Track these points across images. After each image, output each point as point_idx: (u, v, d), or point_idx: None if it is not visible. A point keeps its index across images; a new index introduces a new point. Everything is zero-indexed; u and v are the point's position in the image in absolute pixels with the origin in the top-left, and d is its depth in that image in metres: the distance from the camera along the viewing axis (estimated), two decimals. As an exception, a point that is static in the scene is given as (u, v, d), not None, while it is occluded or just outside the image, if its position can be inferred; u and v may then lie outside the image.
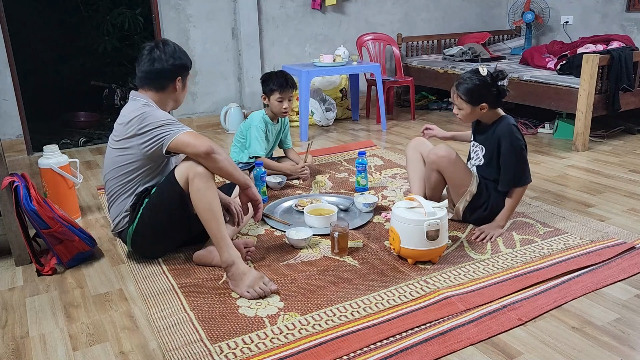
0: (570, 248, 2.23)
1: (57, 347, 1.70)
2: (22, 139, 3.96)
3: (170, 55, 2.11)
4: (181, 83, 2.18)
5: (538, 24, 5.35)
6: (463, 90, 2.28)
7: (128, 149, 2.06)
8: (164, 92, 2.15)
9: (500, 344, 1.64)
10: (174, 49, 2.14)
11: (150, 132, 2.00)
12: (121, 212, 2.15)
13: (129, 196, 2.13)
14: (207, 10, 4.45)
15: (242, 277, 1.93)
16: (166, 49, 2.12)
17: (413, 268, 2.10)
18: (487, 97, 2.28)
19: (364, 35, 5.06)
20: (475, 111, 2.31)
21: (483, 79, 2.27)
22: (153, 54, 2.10)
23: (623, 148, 3.77)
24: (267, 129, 3.07)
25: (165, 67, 2.11)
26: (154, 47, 2.12)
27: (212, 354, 1.61)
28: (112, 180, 2.14)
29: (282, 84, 2.98)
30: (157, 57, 2.10)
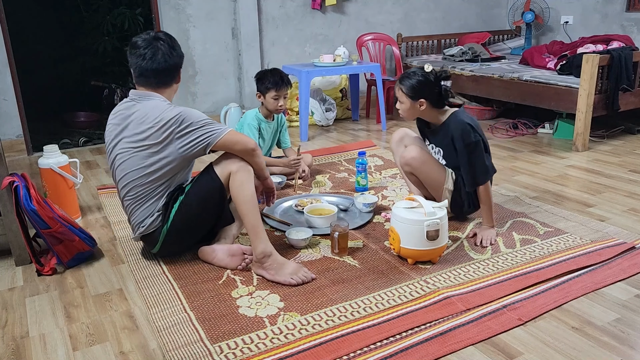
0: (570, 248, 2.23)
1: (57, 347, 1.70)
2: (22, 139, 3.96)
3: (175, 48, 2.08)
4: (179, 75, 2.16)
5: (538, 24, 5.35)
6: (405, 84, 2.32)
7: (162, 152, 1.99)
8: (171, 87, 2.12)
9: (500, 344, 1.64)
10: (172, 40, 2.09)
11: (193, 132, 1.97)
12: (152, 214, 2.08)
13: (160, 198, 2.07)
14: (207, 10, 4.45)
15: (282, 267, 2.01)
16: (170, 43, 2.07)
17: (413, 268, 2.10)
18: (427, 94, 2.29)
19: (364, 35, 5.06)
20: (415, 107, 2.32)
21: (426, 74, 2.29)
22: (160, 49, 2.01)
23: (623, 148, 3.77)
24: (260, 127, 3.08)
25: (177, 62, 2.09)
26: (158, 41, 2.02)
27: (212, 354, 1.61)
28: (140, 185, 2.04)
29: (278, 81, 2.99)
30: (166, 52, 2.03)
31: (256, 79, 3.08)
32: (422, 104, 2.31)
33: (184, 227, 2.09)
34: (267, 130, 3.13)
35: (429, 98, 2.30)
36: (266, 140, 3.15)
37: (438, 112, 2.37)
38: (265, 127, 3.11)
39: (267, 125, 3.12)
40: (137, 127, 2.00)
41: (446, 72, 2.34)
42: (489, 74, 4.37)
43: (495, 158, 3.52)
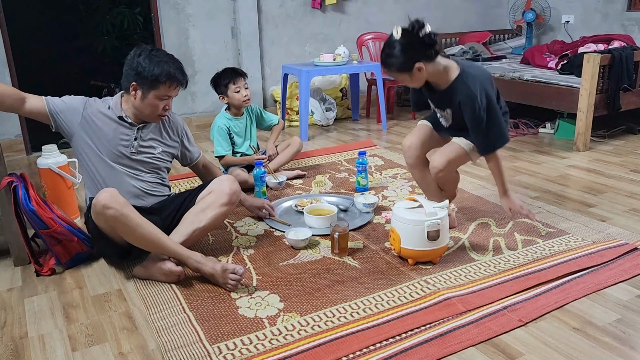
0: (572, 249, 2.22)
1: (56, 348, 1.69)
2: (21, 139, 3.95)
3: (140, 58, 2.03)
4: (137, 92, 2.06)
5: (539, 24, 5.34)
6: (389, 63, 2.04)
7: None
8: (128, 95, 2.11)
9: (500, 345, 1.64)
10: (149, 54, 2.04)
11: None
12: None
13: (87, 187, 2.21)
14: (207, 9, 4.45)
15: (213, 277, 1.96)
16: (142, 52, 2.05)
17: (413, 269, 2.09)
18: (414, 55, 2.00)
19: (364, 35, 5.05)
20: (415, 75, 2.04)
21: (397, 41, 2.00)
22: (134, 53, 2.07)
23: (624, 148, 3.76)
24: (231, 128, 3.09)
25: (126, 68, 2.07)
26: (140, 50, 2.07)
27: (211, 355, 1.60)
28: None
29: (231, 74, 3.02)
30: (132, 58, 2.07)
31: (213, 84, 3.10)
32: (420, 68, 2.02)
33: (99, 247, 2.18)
34: (239, 127, 3.15)
35: (421, 58, 2.01)
36: (242, 136, 3.17)
37: (440, 67, 2.08)
38: (236, 124, 3.13)
39: (237, 122, 3.14)
40: None
41: (418, 21, 2.00)
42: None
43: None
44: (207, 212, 2.10)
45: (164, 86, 2.04)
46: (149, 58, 2.02)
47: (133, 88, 2.05)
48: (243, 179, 2.93)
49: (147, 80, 2.02)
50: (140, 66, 2.01)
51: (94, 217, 1.96)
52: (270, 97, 4.91)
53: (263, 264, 2.16)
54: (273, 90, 4.87)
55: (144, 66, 2.01)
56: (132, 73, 2.03)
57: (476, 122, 2.09)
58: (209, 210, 2.10)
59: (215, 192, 2.14)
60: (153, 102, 2.07)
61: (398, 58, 2.02)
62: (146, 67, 2.01)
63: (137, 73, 2.02)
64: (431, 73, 2.08)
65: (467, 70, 2.11)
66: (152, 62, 2.02)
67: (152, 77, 2.01)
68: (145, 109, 2.09)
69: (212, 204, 2.11)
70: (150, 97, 2.06)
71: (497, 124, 2.11)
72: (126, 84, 2.07)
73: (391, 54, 2.03)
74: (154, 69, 2.01)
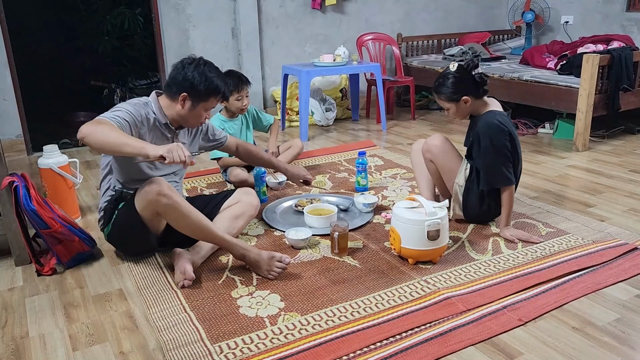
0: (572, 248, 2.22)
1: (57, 348, 1.69)
2: (21, 139, 3.96)
3: (192, 70, 2.05)
4: (186, 102, 2.08)
5: (538, 24, 5.34)
6: (442, 92, 2.29)
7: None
8: (173, 101, 2.11)
9: (500, 344, 1.64)
10: (202, 69, 2.06)
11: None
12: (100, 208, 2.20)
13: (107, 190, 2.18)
14: (207, 10, 4.45)
15: (258, 265, 2.04)
16: (198, 65, 2.07)
17: (413, 268, 2.10)
18: (465, 90, 2.26)
19: (364, 35, 5.05)
20: (461, 106, 2.29)
21: (452, 74, 2.26)
22: (185, 62, 2.09)
23: (623, 148, 3.76)
24: (225, 128, 3.11)
25: (177, 77, 2.07)
26: (193, 60, 2.09)
27: (212, 354, 1.60)
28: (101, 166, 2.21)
29: (238, 82, 3.02)
30: (181, 67, 2.08)
31: None
32: (467, 101, 2.27)
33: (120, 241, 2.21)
34: (234, 128, 3.16)
35: (469, 93, 2.26)
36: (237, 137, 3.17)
37: (482, 104, 2.33)
38: (230, 126, 3.14)
39: (232, 124, 3.15)
40: None
41: (473, 61, 2.30)
42: (489, 74, 4.32)
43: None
44: (239, 221, 2.28)
45: (214, 99, 2.11)
46: (201, 71, 2.06)
47: (182, 98, 2.07)
48: (243, 178, 2.94)
49: (199, 92, 2.06)
50: (195, 79, 2.04)
51: (142, 205, 1.98)
52: (270, 97, 4.91)
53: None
54: (273, 91, 4.87)
55: (198, 79, 2.04)
56: (186, 84, 2.05)
57: (484, 153, 2.25)
58: (240, 219, 2.29)
59: (243, 204, 2.31)
60: (200, 113, 2.12)
61: (449, 88, 2.27)
62: (200, 80, 2.04)
63: (191, 85, 2.04)
64: (476, 109, 2.34)
65: (500, 112, 2.33)
66: (205, 75, 2.06)
67: (206, 90, 2.06)
68: (191, 118, 2.13)
69: (243, 215, 2.30)
70: (199, 108, 2.10)
71: (502, 164, 2.25)
72: (174, 93, 2.08)
73: (444, 83, 2.28)
74: (208, 83, 2.06)
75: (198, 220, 2.01)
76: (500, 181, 2.28)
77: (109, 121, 1.91)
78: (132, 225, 2.06)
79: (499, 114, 2.30)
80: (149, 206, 1.97)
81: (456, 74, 2.26)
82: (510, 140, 2.27)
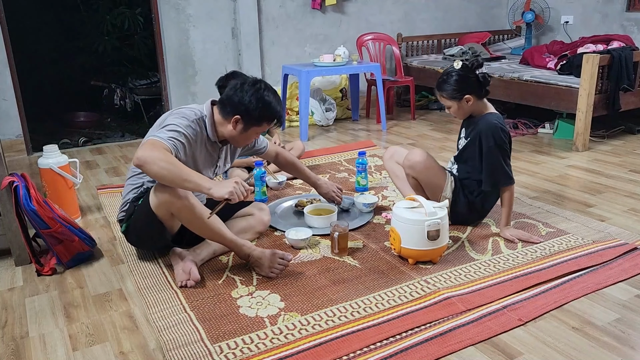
0: (572, 248, 2.22)
1: (57, 347, 1.69)
2: (21, 139, 3.95)
3: (250, 94, 2.01)
4: (238, 124, 2.04)
5: (538, 24, 5.34)
6: (444, 89, 2.28)
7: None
8: (225, 119, 2.07)
9: (500, 344, 1.64)
10: (261, 94, 2.02)
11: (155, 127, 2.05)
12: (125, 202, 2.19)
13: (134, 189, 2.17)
14: (207, 10, 4.45)
15: (260, 263, 2.06)
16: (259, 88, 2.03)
17: (413, 268, 2.10)
18: (468, 89, 2.26)
19: (364, 35, 5.06)
20: (462, 104, 2.29)
21: (455, 72, 2.26)
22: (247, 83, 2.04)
23: (623, 148, 3.76)
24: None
25: (233, 98, 2.03)
26: (256, 82, 2.05)
27: (212, 354, 1.60)
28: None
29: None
30: (240, 88, 2.03)
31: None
32: (469, 100, 2.27)
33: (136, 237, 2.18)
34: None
35: (472, 92, 2.26)
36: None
37: (482, 105, 2.33)
38: None
39: None
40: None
41: (477, 60, 2.30)
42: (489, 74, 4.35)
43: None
44: (247, 235, 2.29)
45: (267, 124, 2.09)
46: (259, 97, 2.01)
47: (235, 120, 2.03)
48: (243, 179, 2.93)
49: (253, 118, 2.03)
50: (252, 104, 2.00)
51: (157, 203, 1.95)
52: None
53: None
54: (273, 91, 4.87)
55: (254, 105, 2.01)
56: (241, 108, 2.01)
57: (488, 153, 2.25)
58: (248, 233, 2.30)
59: (255, 218, 2.33)
60: (251, 136, 2.11)
61: (452, 86, 2.26)
62: (257, 106, 2.01)
63: (246, 110, 2.01)
64: (476, 109, 2.34)
65: (498, 115, 2.33)
66: (263, 101, 2.02)
67: (260, 116, 2.04)
68: (241, 140, 2.12)
69: (252, 229, 2.32)
70: (251, 132, 2.08)
71: (505, 164, 2.27)
72: (227, 113, 2.05)
73: (447, 81, 2.28)
74: (265, 109, 2.03)
75: (211, 222, 1.99)
76: (503, 180, 2.28)
77: (166, 145, 1.88)
78: (148, 223, 2.03)
79: (498, 116, 2.31)
80: (163, 206, 1.95)
81: (460, 72, 2.25)
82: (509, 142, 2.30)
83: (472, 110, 2.34)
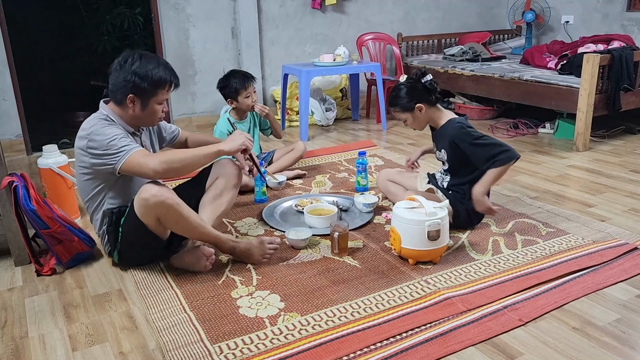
0: (572, 248, 2.22)
1: (57, 348, 1.69)
2: (21, 139, 3.95)
3: (130, 70, 1.96)
4: (135, 104, 2.00)
5: (539, 24, 5.34)
6: (395, 103, 2.38)
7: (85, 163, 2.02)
8: (122, 107, 2.03)
9: (500, 345, 1.64)
10: (139, 64, 1.97)
11: (99, 156, 1.95)
12: (100, 232, 2.15)
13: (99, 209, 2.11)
14: (207, 9, 4.45)
15: (249, 252, 2.10)
16: (132, 62, 1.98)
17: (414, 268, 2.10)
18: (417, 97, 2.33)
19: (364, 35, 5.05)
20: (416, 114, 2.36)
21: (403, 84, 2.37)
22: (119, 63, 2.00)
23: (624, 148, 3.76)
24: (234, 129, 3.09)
25: (117, 82, 1.99)
26: (126, 58, 1.99)
27: (212, 354, 1.60)
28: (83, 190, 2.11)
29: (243, 80, 3.00)
30: (118, 70, 1.99)
31: (221, 88, 3.07)
32: (421, 108, 2.35)
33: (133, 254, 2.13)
34: (243, 130, 3.16)
35: (422, 100, 2.34)
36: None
37: (438, 112, 2.40)
38: (240, 128, 3.13)
39: (241, 125, 3.15)
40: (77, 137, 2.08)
41: (421, 69, 2.41)
42: (489, 74, 4.36)
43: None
44: (224, 197, 2.25)
45: (163, 91, 2.03)
46: (139, 66, 1.96)
47: (130, 100, 1.99)
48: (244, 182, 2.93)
49: (145, 90, 1.98)
50: (136, 77, 1.96)
51: (143, 211, 1.93)
52: (270, 97, 4.91)
53: (263, 264, 2.16)
54: (273, 91, 4.87)
55: (139, 77, 1.96)
56: (129, 86, 1.97)
57: (474, 149, 2.26)
58: (224, 195, 2.25)
59: (223, 177, 2.27)
60: (154, 109, 2.05)
61: (402, 99, 2.36)
62: (141, 78, 1.96)
63: (134, 85, 1.97)
64: (432, 117, 2.39)
65: (458, 118, 2.37)
66: (144, 70, 1.96)
67: (151, 85, 1.98)
68: (146, 117, 2.06)
69: (225, 188, 2.26)
70: (151, 105, 2.03)
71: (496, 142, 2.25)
72: (121, 99, 2.01)
73: (397, 95, 2.38)
74: (151, 77, 1.97)
75: (195, 221, 2.01)
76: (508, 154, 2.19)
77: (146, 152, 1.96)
78: (140, 235, 2.01)
79: (459, 119, 2.36)
80: (151, 212, 1.93)
81: (407, 83, 2.37)
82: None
83: (428, 119, 2.40)
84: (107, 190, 2.08)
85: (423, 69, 2.42)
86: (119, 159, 1.93)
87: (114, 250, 2.13)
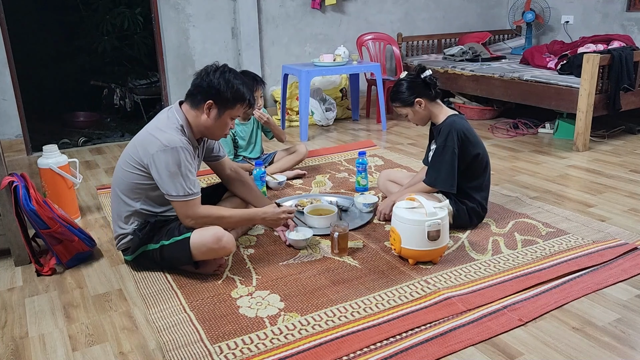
0: (572, 248, 2.22)
1: (57, 348, 1.69)
2: (21, 139, 3.95)
3: (217, 77, 1.98)
4: (212, 110, 2.00)
5: (538, 24, 5.34)
6: (396, 98, 2.41)
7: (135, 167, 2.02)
8: (197, 111, 2.02)
9: (500, 345, 1.64)
10: (227, 76, 1.99)
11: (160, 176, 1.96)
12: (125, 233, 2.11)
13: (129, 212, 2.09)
14: (207, 9, 4.45)
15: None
16: (223, 71, 2.00)
17: (414, 268, 2.10)
18: (416, 92, 2.35)
19: (364, 35, 5.05)
20: (416, 109, 2.38)
21: (403, 80, 2.39)
22: (208, 69, 2.02)
23: (624, 148, 3.76)
24: (236, 131, 3.13)
25: (201, 84, 2.00)
26: (217, 66, 2.02)
27: (212, 354, 1.60)
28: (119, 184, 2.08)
29: (252, 83, 2.98)
30: (206, 74, 2.00)
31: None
32: (421, 103, 2.36)
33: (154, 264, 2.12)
34: (245, 131, 3.18)
35: (422, 94, 2.35)
36: (246, 140, 3.19)
37: (438, 107, 2.40)
38: (242, 129, 3.16)
39: (244, 127, 3.16)
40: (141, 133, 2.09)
41: (420, 65, 2.43)
42: (489, 74, 4.36)
43: (496, 158, 3.52)
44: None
45: (240, 106, 2.05)
46: (227, 78, 1.99)
47: (208, 106, 1.99)
48: None
49: (226, 99, 1.99)
50: (221, 85, 1.97)
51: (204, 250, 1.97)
52: (270, 97, 4.91)
53: (263, 264, 2.16)
54: (273, 91, 4.87)
55: (224, 86, 1.98)
56: (211, 92, 1.98)
57: (436, 152, 2.34)
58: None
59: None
60: (226, 122, 2.06)
61: (402, 94, 2.38)
62: (226, 86, 1.98)
63: (217, 92, 1.97)
64: (432, 112, 2.41)
65: (456, 117, 2.37)
66: (231, 82, 1.99)
67: (233, 97, 2.00)
68: (216, 128, 2.06)
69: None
70: (225, 116, 2.03)
71: (448, 167, 2.29)
72: (199, 101, 2.00)
73: (398, 90, 2.40)
74: (235, 89, 2.00)
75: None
76: (439, 183, 2.33)
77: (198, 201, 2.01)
78: (179, 260, 2.04)
79: (458, 117, 2.37)
80: (209, 253, 1.99)
81: (407, 79, 2.39)
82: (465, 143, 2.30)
83: (428, 114, 2.41)
84: (149, 192, 2.05)
85: (424, 66, 2.42)
86: (176, 196, 1.95)
87: (133, 252, 2.10)
